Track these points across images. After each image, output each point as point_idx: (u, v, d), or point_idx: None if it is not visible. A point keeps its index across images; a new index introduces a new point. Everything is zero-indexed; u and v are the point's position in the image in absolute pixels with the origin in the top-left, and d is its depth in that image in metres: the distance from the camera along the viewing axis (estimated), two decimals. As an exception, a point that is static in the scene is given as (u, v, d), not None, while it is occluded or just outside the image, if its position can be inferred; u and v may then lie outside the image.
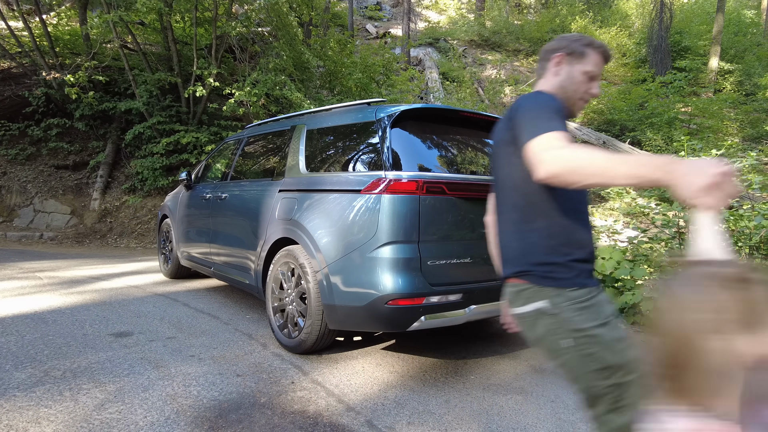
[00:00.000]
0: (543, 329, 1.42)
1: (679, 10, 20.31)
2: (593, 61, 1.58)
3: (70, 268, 6.08)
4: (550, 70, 1.64)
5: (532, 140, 1.29)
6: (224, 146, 5.06)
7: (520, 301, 1.47)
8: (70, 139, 9.91)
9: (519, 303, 1.48)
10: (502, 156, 1.53)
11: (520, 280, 1.47)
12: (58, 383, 2.65)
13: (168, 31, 9.20)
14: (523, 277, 1.47)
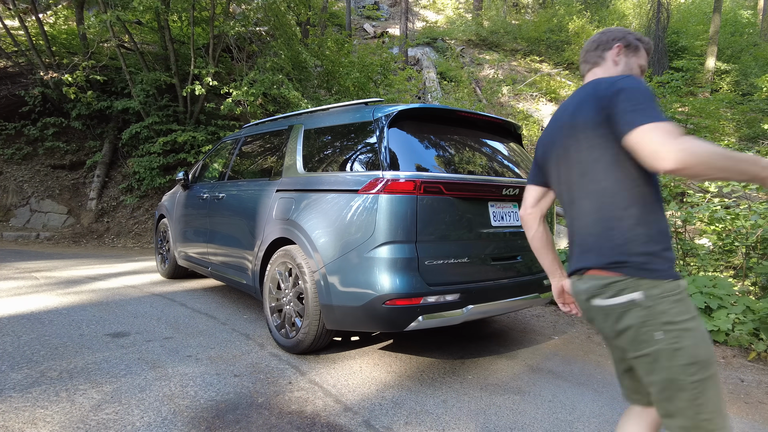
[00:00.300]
0: (633, 321, 1.38)
1: (676, 10, 20.37)
2: (644, 56, 1.64)
3: (66, 268, 6.06)
4: (609, 59, 1.64)
5: (646, 126, 1.26)
6: (221, 146, 5.05)
7: (609, 293, 1.41)
8: (67, 139, 9.87)
9: (607, 295, 1.42)
10: (586, 138, 1.46)
11: (611, 272, 1.41)
12: (55, 384, 2.64)
13: (165, 31, 9.17)
14: (615, 269, 1.40)
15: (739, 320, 3.77)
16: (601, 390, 2.97)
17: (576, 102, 1.52)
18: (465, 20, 21.19)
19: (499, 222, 3.13)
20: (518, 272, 3.28)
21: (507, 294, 3.17)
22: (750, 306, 3.82)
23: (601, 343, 3.86)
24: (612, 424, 2.52)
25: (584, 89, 1.51)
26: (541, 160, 1.67)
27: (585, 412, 2.66)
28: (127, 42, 9.63)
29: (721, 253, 5.39)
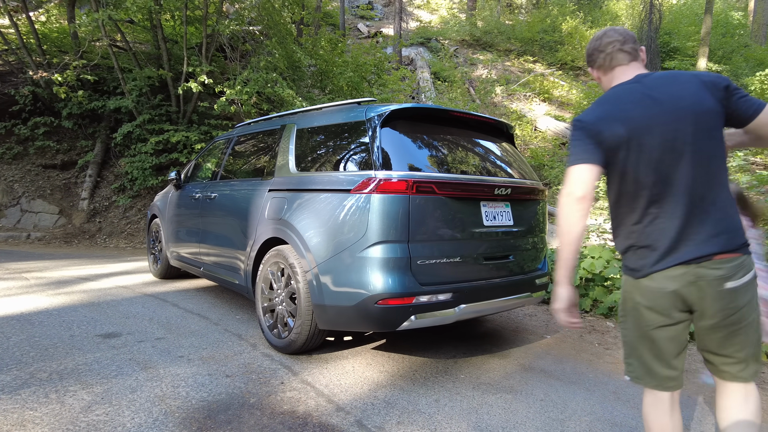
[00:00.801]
0: (750, 295, 1.62)
1: (668, 11, 20.49)
2: None
3: (57, 268, 6.01)
4: (642, 56, 1.77)
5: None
6: (214, 145, 5.03)
7: (741, 273, 1.59)
8: (58, 138, 9.80)
9: (740, 275, 1.59)
10: (715, 127, 1.58)
11: (740, 253, 1.59)
12: (44, 385, 2.62)
13: (158, 30, 9.13)
14: (742, 250, 1.60)
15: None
16: (593, 389, 2.98)
17: (692, 91, 1.59)
18: (459, 20, 21.23)
19: (491, 221, 3.14)
20: (510, 271, 3.29)
21: (499, 293, 3.18)
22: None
23: (593, 342, 3.88)
24: (603, 422, 2.54)
25: (689, 79, 1.62)
26: (619, 140, 1.61)
27: (576, 410, 2.67)
28: (120, 41, 9.58)
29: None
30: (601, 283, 4.72)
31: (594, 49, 1.81)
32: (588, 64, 1.86)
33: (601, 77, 1.83)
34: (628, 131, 1.61)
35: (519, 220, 3.33)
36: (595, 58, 1.81)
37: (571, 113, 13.97)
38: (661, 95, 1.62)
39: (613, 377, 3.18)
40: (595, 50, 1.80)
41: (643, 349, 1.74)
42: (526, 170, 3.63)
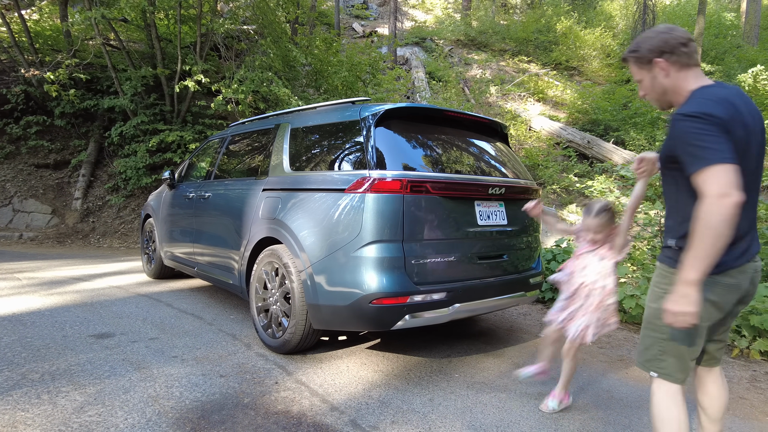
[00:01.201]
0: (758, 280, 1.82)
1: (662, 11, 20.62)
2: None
3: (50, 268, 5.97)
4: None
5: None
6: (208, 145, 5.01)
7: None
8: (51, 138, 9.72)
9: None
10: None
11: None
12: (36, 386, 2.60)
13: (152, 29, 9.07)
14: None
15: (722, 317, 3.83)
16: (587, 387, 3.00)
17: (755, 109, 1.75)
18: (454, 20, 21.25)
19: (485, 221, 3.14)
20: (504, 271, 3.30)
21: (493, 292, 3.19)
22: (732, 303, 3.87)
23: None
24: (597, 421, 2.55)
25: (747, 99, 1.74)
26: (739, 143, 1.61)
27: (570, 408, 2.68)
28: (113, 40, 9.51)
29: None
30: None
31: (679, 43, 1.74)
32: (658, 54, 1.76)
33: (670, 72, 1.76)
34: (746, 135, 1.63)
35: (513, 220, 3.34)
36: (677, 51, 1.74)
37: (566, 113, 14.03)
38: (749, 107, 1.70)
39: (606, 376, 3.19)
40: (680, 44, 1.74)
41: (687, 346, 1.75)
42: (520, 170, 3.64)
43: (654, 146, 10.43)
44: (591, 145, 11.24)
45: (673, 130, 1.66)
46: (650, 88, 1.84)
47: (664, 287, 1.76)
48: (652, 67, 1.78)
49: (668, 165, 1.76)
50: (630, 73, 1.96)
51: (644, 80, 1.84)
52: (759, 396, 2.99)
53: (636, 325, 4.29)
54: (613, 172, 8.94)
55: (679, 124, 1.63)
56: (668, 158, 1.74)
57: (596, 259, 2.46)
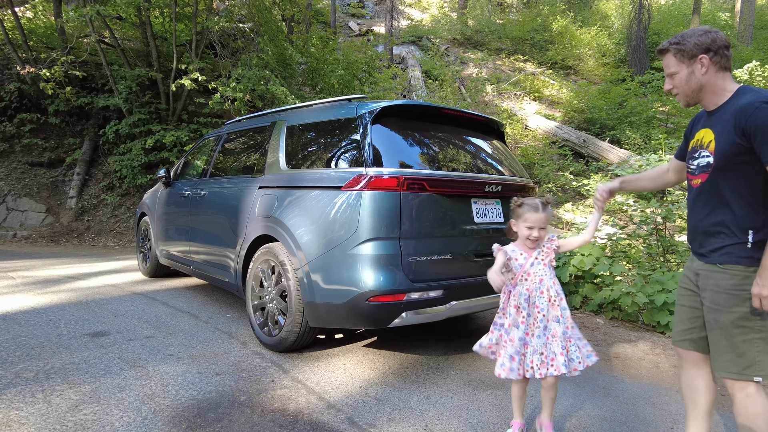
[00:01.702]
0: None
1: (657, 11, 20.70)
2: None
3: (44, 267, 5.94)
4: None
5: None
6: (204, 143, 4.99)
7: None
8: (45, 136, 9.66)
9: None
10: None
11: None
12: (30, 385, 2.58)
13: (147, 27, 9.03)
14: None
15: None
16: (583, 384, 3.00)
17: None
18: (450, 19, 21.26)
19: (482, 219, 3.14)
20: (501, 268, 3.30)
21: (490, 290, 3.16)
22: None
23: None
24: (593, 418, 2.55)
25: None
26: None
27: (566, 406, 2.69)
28: (108, 37, 9.46)
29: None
30: (591, 280, 4.75)
31: (724, 45, 1.82)
32: (704, 50, 1.81)
33: (710, 70, 1.82)
34: None
35: (509, 218, 3.33)
36: (721, 52, 1.81)
37: (562, 112, 14.06)
38: None
39: (602, 373, 3.20)
40: (725, 47, 1.82)
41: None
42: (516, 168, 3.64)
43: (650, 145, 10.47)
44: (587, 143, 11.27)
45: (754, 118, 1.66)
46: (684, 81, 1.86)
47: (748, 288, 1.73)
48: (694, 63, 1.82)
49: (736, 160, 1.74)
50: (625, 73, 2.05)
51: (680, 73, 1.86)
52: (754, 392, 3.00)
53: (631, 323, 4.30)
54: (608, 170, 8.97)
55: (761, 113, 1.64)
56: (739, 153, 1.72)
57: (546, 267, 2.22)
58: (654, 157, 6.01)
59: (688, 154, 2.01)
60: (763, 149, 1.64)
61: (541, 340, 2.14)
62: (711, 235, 1.86)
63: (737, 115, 1.71)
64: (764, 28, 21.68)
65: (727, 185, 1.79)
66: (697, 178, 1.91)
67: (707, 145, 1.85)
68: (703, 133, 1.90)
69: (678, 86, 1.89)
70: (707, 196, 1.86)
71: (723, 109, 1.82)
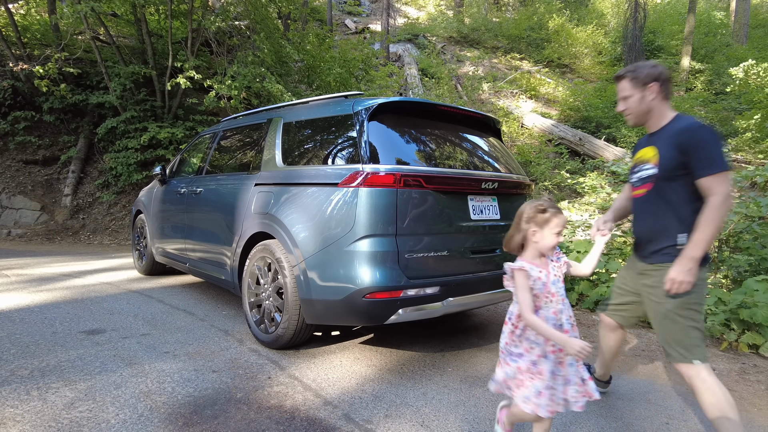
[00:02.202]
0: None
1: (653, 10, 20.74)
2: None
3: (39, 265, 5.91)
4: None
5: None
6: (199, 140, 4.97)
7: None
8: (39, 133, 9.60)
9: None
10: None
11: None
12: (26, 382, 2.57)
13: (142, 24, 8.98)
14: None
15: (712, 311, 3.87)
16: (579, 380, 3.01)
17: None
18: (446, 17, 21.24)
19: (478, 215, 3.15)
20: (497, 265, 3.30)
21: (486, 287, 3.19)
22: (722, 298, 3.91)
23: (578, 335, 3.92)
24: (587, 414, 2.56)
25: None
26: None
27: (562, 402, 2.69)
28: (103, 34, 9.40)
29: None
30: (587, 277, 4.76)
31: (669, 78, 2.19)
32: (660, 83, 2.16)
33: (657, 97, 2.17)
34: None
35: (506, 215, 3.34)
36: (666, 84, 2.18)
37: (558, 110, 14.08)
38: None
39: (598, 369, 3.21)
40: (669, 79, 2.19)
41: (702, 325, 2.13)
42: (513, 165, 3.64)
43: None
44: (583, 142, 11.30)
45: (691, 138, 2.01)
46: (637, 104, 2.20)
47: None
48: (646, 89, 2.17)
49: (675, 173, 2.08)
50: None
51: (634, 97, 2.20)
52: (748, 388, 3.02)
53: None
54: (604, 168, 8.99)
55: (699, 133, 2.01)
56: (677, 167, 2.06)
57: (563, 284, 1.95)
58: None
59: (630, 170, 2.37)
60: (697, 164, 2.00)
61: (573, 367, 1.88)
62: (651, 240, 2.20)
63: (678, 135, 2.06)
64: (759, 27, 21.78)
65: (665, 195, 2.12)
66: (640, 189, 2.25)
67: (650, 159, 2.19)
68: (646, 151, 2.24)
69: (630, 108, 2.22)
70: (648, 205, 2.20)
71: (664, 131, 2.17)
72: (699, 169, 2.00)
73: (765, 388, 3.03)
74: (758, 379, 3.15)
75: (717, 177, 1.97)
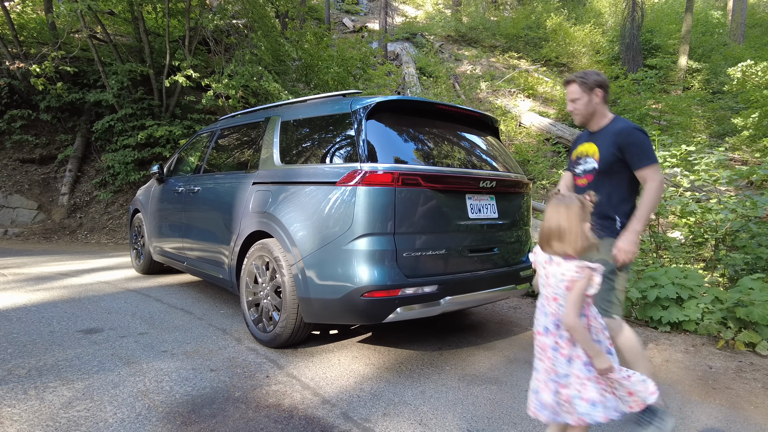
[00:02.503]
0: None
1: (650, 9, 20.76)
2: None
3: (36, 264, 5.89)
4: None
5: None
6: (197, 138, 4.96)
7: None
8: (36, 132, 9.56)
9: None
10: None
11: None
12: (23, 382, 2.56)
13: (139, 22, 8.95)
14: None
15: (708, 310, 3.88)
16: (576, 379, 3.02)
17: None
18: (444, 16, 21.24)
19: (476, 214, 3.15)
20: (495, 264, 3.31)
21: (484, 285, 3.20)
22: (718, 296, 3.93)
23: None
24: (586, 412, 2.57)
25: None
26: None
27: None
28: (100, 33, 9.37)
29: (692, 246, 5.54)
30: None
31: (608, 84, 2.56)
32: (598, 86, 2.52)
33: (601, 101, 2.54)
34: None
35: (504, 213, 3.35)
36: (607, 90, 2.56)
37: (555, 109, 14.10)
38: None
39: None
40: (608, 86, 2.56)
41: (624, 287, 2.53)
42: (510, 164, 3.65)
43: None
44: (580, 141, 11.29)
45: (628, 138, 2.43)
46: (584, 106, 2.54)
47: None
48: (592, 93, 2.52)
49: (615, 166, 2.47)
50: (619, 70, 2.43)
51: (582, 99, 2.53)
52: (744, 386, 3.04)
53: (624, 318, 4.33)
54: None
55: (635, 134, 2.43)
56: (615, 162, 2.47)
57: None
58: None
59: (571, 163, 2.71)
60: (632, 159, 2.42)
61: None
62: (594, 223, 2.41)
63: (616, 135, 2.46)
64: (756, 26, 21.84)
65: (606, 184, 2.49)
66: (582, 179, 2.61)
67: (592, 154, 2.56)
68: (587, 146, 2.60)
69: (578, 109, 2.55)
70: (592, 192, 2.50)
71: (604, 130, 2.55)
72: (636, 162, 2.41)
73: (762, 386, 3.05)
74: (755, 377, 3.16)
75: (652, 167, 2.40)
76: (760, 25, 22.21)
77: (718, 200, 5.49)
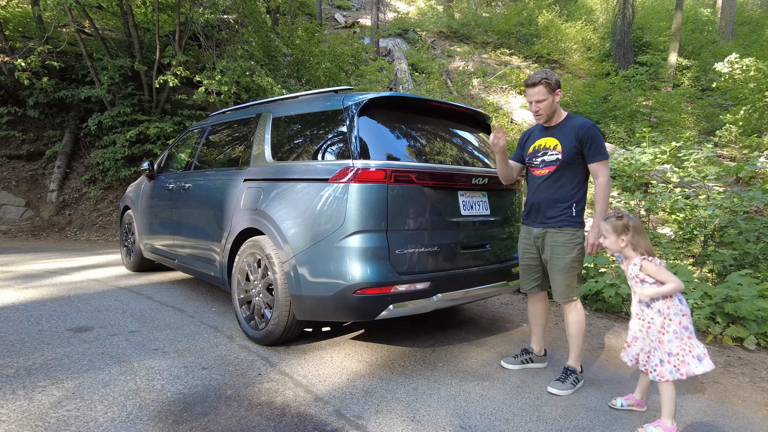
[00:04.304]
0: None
1: (641, 6, 20.89)
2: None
3: (24, 262, 5.82)
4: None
5: None
6: (188, 135, 4.92)
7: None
8: (23, 128, 9.43)
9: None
10: None
11: None
12: (11, 381, 2.53)
13: (128, 16, 8.84)
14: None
15: (698, 305, 3.93)
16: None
17: None
18: (436, 12, 21.21)
19: (468, 211, 3.15)
20: (487, 261, 3.32)
21: (476, 282, 3.21)
22: (707, 292, 3.98)
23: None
24: (578, 407, 2.59)
25: None
26: None
27: (552, 396, 2.72)
28: (88, 27, 9.24)
29: (681, 242, 5.60)
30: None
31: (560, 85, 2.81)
32: (558, 87, 2.77)
33: (558, 99, 2.79)
34: None
35: (496, 210, 3.36)
36: (560, 89, 2.80)
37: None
38: None
39: (589, 364, 3.25)
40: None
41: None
42: (503, 160, 3.65)
43: (634, 138, 10.60)
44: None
45: (588, 133, 2.69)
46: (548, 106, 2.76)
47: (575, 240, 2.77)
48: (555, 94, 2.76)
49: (575, 159, 2.74)
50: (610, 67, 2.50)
51: (547, 100, 2.74)
52: (732, 380, 3.08)
53: (615, 314, 4.37)
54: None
55: (593, 130, 2.71)
56: (576, 154, 2.73)
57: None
58: (638, 150, 6.08)
59: (529, 155, 2.92)
60: (588, 152, 2.71)
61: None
62: (551, 208, 2.80)
63: (576, 130, 2.72)
64: (744, 24, 22.04)
65: (565, 175, 2.77)
66: (543, 170, 2.83)
67: (553, 147, 2.79)
68: (547, 140, 2.83)
69: (543, 108, 2.76)
70: (551, 182, 2.80)
71: (561, 125, 2.80)
72: (591, 155, 2.70)
73: (749, 380, 3.09)
74: (742, 372, 3.21)
75: (603, 163, 2.70)
76: (749, 22, 22.42)
77: (707, 196, 5.54)
